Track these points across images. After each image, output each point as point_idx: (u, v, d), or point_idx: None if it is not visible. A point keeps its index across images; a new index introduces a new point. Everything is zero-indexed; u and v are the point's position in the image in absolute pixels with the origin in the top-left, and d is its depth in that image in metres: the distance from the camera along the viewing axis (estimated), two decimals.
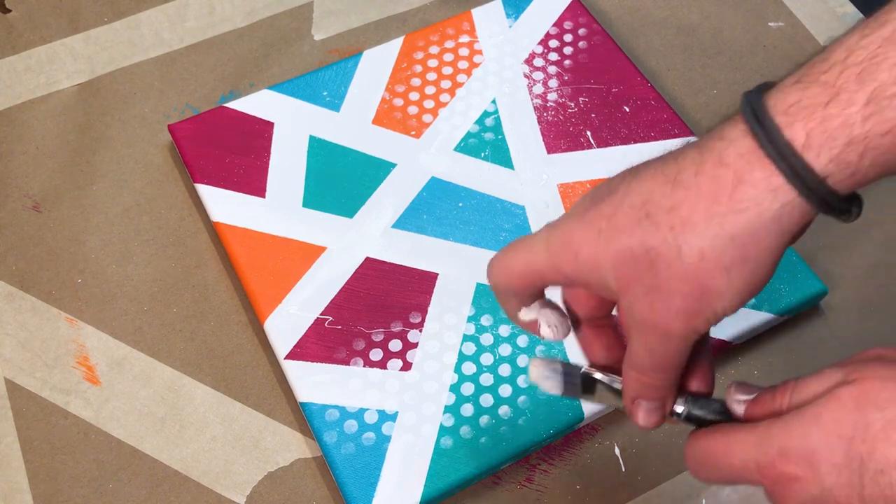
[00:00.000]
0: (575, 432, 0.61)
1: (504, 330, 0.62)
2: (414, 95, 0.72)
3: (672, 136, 0.70)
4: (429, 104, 0.72)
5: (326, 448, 0.58)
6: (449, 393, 0.60)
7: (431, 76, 0.73)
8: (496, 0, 0.77)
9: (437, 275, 0.64)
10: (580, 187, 0.68)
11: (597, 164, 0.69)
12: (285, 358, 0.61)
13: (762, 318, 0.62)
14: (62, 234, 0.68)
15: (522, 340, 0.62)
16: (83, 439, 0.60)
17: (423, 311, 0.63)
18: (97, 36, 0.78)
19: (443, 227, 0.66)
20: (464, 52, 0.75)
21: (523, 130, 0.71)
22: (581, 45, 0.75)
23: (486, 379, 0.60)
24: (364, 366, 0.61)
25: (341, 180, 0.68)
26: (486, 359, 0.61)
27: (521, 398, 0.60)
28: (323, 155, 0.69)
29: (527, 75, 0.74)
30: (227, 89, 0.76)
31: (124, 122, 0.74)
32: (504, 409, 0.59)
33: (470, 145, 0.70)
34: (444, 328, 0.62)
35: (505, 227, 0.66)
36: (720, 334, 0.62)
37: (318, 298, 0.63)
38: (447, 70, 0.74)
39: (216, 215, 0.66)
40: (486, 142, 0.70)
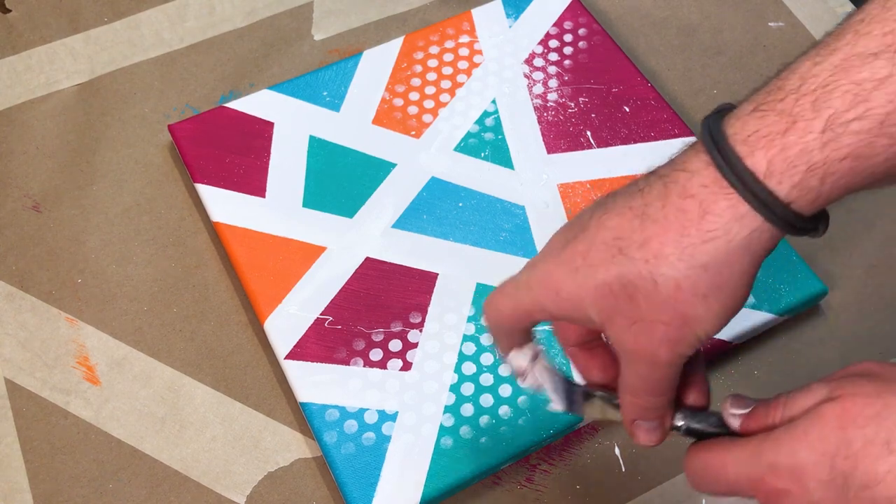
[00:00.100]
0: (575, 432, 0.61)
1: None
2: (414, 95, 0.72)
3: (672, 136, 0.70)
4: (429, 104, 0.72)
5: (326, 448, 0.58)
6: (449, 393, 0.60)
7: (431, 76, 0.73)
8: (496, 0, 0.77)
9: (437, 275, 0.64)
10: (580, 187, 0.68)
11: (597, 164, 0.69)
12: (285, 358, 0.61)
13: (762, 318, 0.62)
14: (62, 234, 0.68)
15: None
16: (83, 439, 0.60)
17: (423, 311, 0.63)
18: (97, 36, 0.78)
19: (443, 227, 0.66)
20: (464, 52, 0.75)
21: (523, 130, 0.71)
22: (581, 45, 0.75)
23: (486, 379, 0.60)
24: (364, 366, 0.61)
25: (341, 180, 0.68)
26: (486, 359, 0.61)
27: (521, 398, 0.60)
28: (323, 155, 0.69)
29: (527, 75, 0.74)
30: (227, 89, 0.76)
31: (124, 122, 0.74)
32: (504, 409, 0.59)
33: (470, 145, 0.70)
34: (444, 328, 0.62)
35: (505, 227, 0.66)
36: (720, 334, 0.62)
37: (318, 298, 0.63)
38: (447, 70, 0.74)
39: (216, 215, 0.67)
40: (486, 142, 0.70)
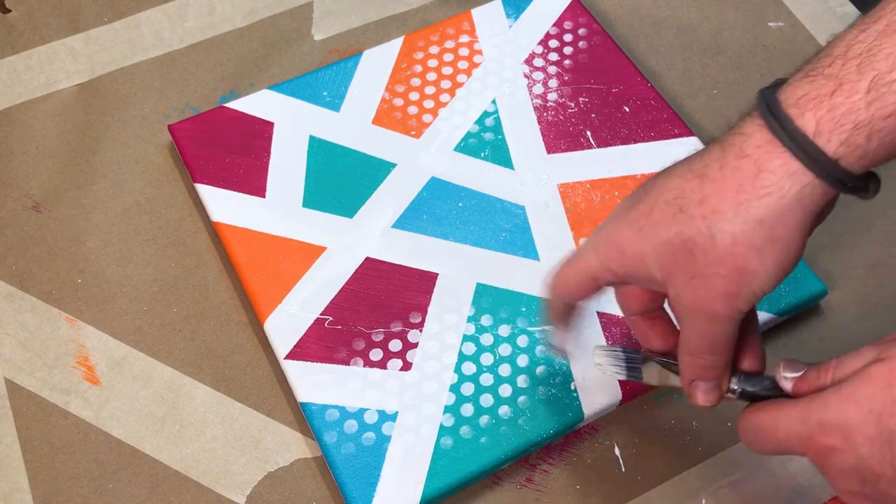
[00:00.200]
0: (575, 432, 0.61)
1: (504, 330, 0.62)
2: (414, 95, 0.72)
3: (672, 136, 0.70)
4: (429, 104, 0.72)
5: (326, 448, 0.58)
6: (449, 393, 0.60)
7: (431, 76, 0.73)
8: (496, 0, 0.77)
9: (437, 275, 0.64)
10: (580, 187, 0.68)
11: (597, 164, 0.69)
12: (285, 358, 0.61)
13: (762, 318, 0.62)
14: (62, 234, 0.68)
15: (522, 340, 0.62)
16: (83, 439, 0.60)
17: (423, 311, 0.63)
18: (97, 36, 0.78)
19: (443, 227, 0.66)
20: (464, 52, 0.75)
21: (523, 130, 0.71)
22: (581, 45, 0.75)
23: (486, 379, 0.60)
24: (364, 366, 0.61)
25: (341, 180, 0.68)
26: (486, 359, 0.61)
27: (521, 398, 0.60)
28: (323, 155, 0.69)
29: (527, 75, 0.74)
30: (227, 89, 0.76)
31: (124, 122, 0.74)
32: (504, 409, 0.59)
33: (470, 145, 0.70)
34: (444, 328, 0.62)
35: (505, 227, 0.66)
36: None
37: (318, 298, 0.63)
38: (447, 70, 0.74)
39: (216, 215, 0.66)
40: (486, 142, 0.70)
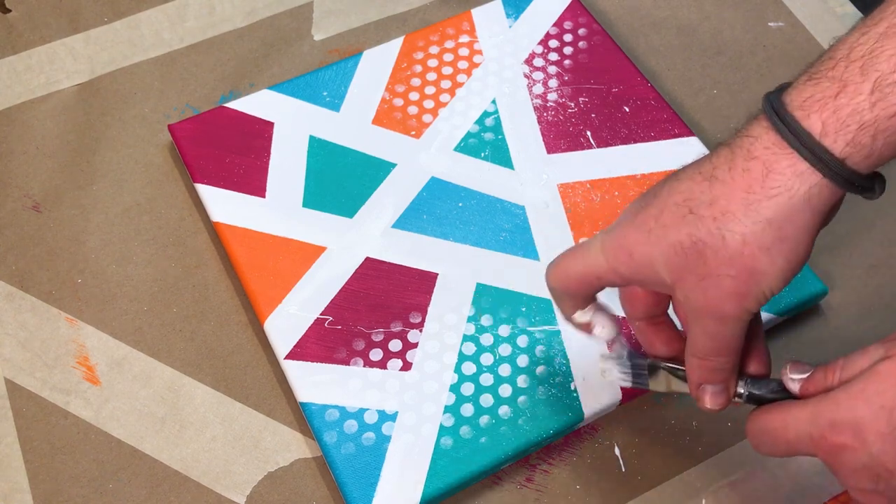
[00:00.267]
0: (575, 432, 0.61)
1: (504, 330, 0.62)
2: (414, 95, 0.72)
3: (672, 136, 0.70)
4: (429, 104, 0.72)
5: (326, 448, 0.58)
6: (449, 393, 0.60)
7: (431, 76, 0.73)
8: (496, 0, 0.77)
9: (437, 275, 0.64)
10: (580, 187, 0.68)
11: (597, 164, 0.69)
12: (285, 358, 0.61)
13: (762, 318, 0.62)
14: (62, 234, 0.68)
15: (522, 340, 0.62)
16: (83, 439, 0.60)
17: (423, 311, 0.63)
18: (97, 36, 0.78)
19: (443, 227, 0.66)
20: (464, 52, 0.75)
21: (523, 130, 0.71)
22: (581, 45, 0.75)
23: (486, 379, 0.60)
24: (364, 366, 0.61)
25: (341, 180, 0.68)
26: (486, 359, 0.61)
27: (521, 398, 0.60)
28: (323, 155, 0.69)
29: (527, 75, 0.74)
30: (227, 89, 0.76)
31: (124, 122, 0.74)
32: (504, 409, 0.59)
33: (470, 145, 0.70)
34: (444, 328, 0.62)
35: (505, 227, 0.66)
36: None
37: (318, 298, 0.63)
38: (447, 70, 0.74)
39: (216, 215, 0.66)
40: (486, 142, 0.70)
